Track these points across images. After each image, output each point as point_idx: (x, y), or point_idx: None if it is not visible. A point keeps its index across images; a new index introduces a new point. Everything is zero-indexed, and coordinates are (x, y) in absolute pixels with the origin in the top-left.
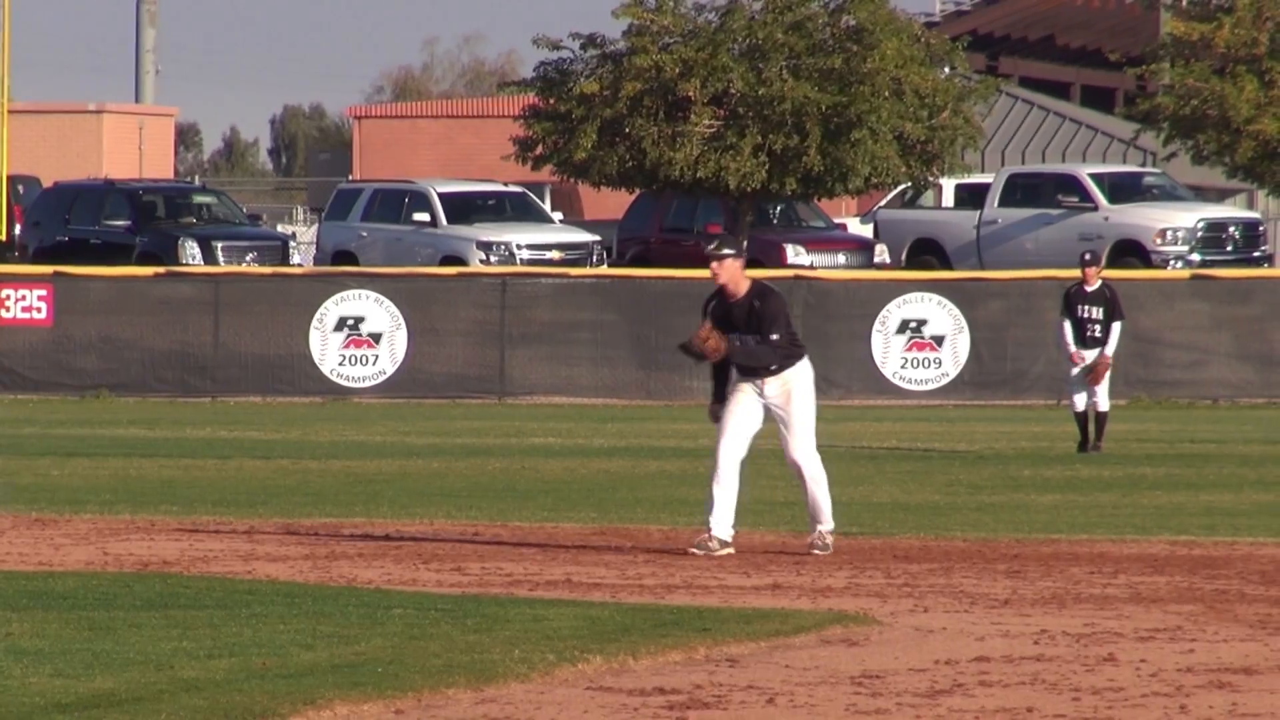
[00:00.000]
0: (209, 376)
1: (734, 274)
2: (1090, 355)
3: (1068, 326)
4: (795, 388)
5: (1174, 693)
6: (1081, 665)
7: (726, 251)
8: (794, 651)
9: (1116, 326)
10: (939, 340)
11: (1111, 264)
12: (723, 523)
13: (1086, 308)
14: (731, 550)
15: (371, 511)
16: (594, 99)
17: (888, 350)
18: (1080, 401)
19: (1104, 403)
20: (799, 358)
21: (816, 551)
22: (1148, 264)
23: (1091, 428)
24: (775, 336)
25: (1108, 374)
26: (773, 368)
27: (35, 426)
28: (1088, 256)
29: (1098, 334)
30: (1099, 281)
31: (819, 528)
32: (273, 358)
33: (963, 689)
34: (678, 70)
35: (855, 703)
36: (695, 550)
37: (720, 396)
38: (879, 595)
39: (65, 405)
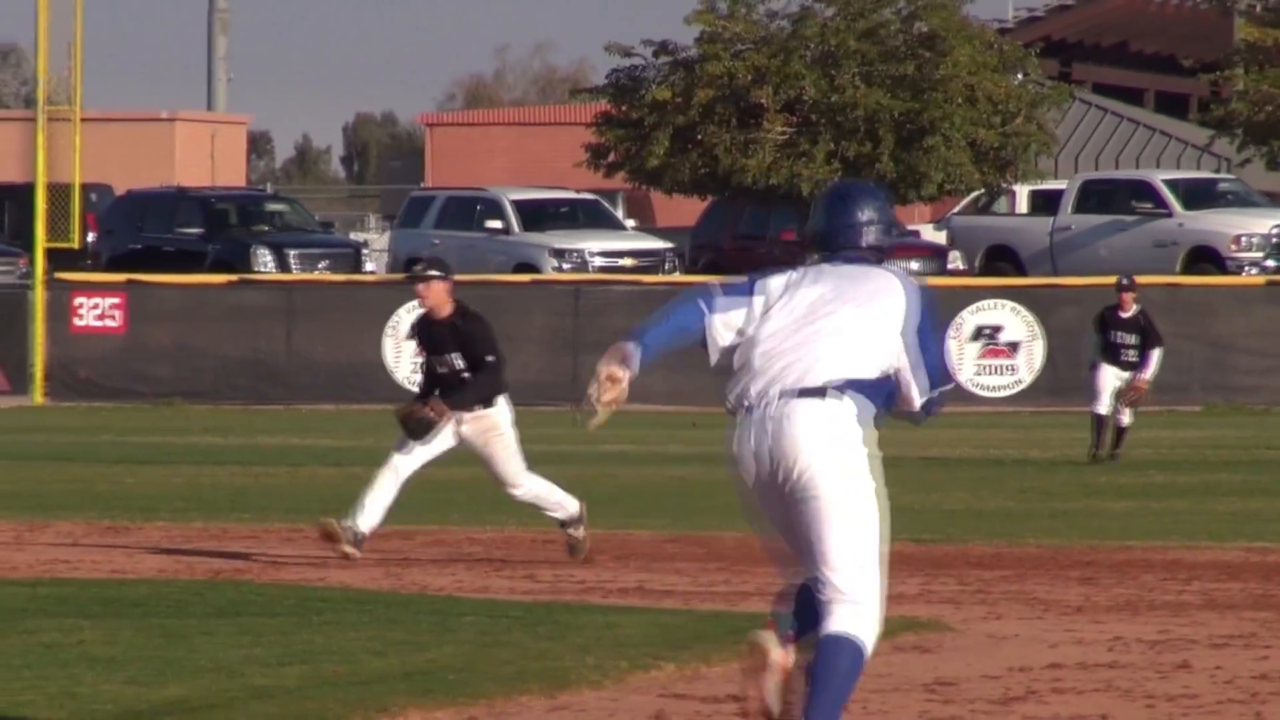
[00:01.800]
0: (282, 384)
1: (439, 296)
2: (1125, 377)
3: (1096, 340)
4: (494, 428)
5: (1249, 699)
6: (1155, 672)
7: (433, 273)
8: None
9: (1156, 354)
10: (1013, 347)
11: (1186, 270)
12: (368, 521)
13: (1120, 334)
14: (359, 555)
15: (444, 519)
16: (666, 106)
17: (962, 357)
18: (1103, 407)
19: (1127, 419)
20: (499, 394)
21: (577, 554)
22: (1223, 270)
23: (1109, 437)
24: (490, 358)
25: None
26: (474, 408)
27: (109, 434)
28: (1124, 282)
29: (1133, 359)
30: (1135, 308)
31: (569, 530)
32: (346, 365)
33: (1036, 696)
34: (750, 77)
35: (928, 709)
36: (338, 541)
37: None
38: (952, 602)
39: (138, 413)
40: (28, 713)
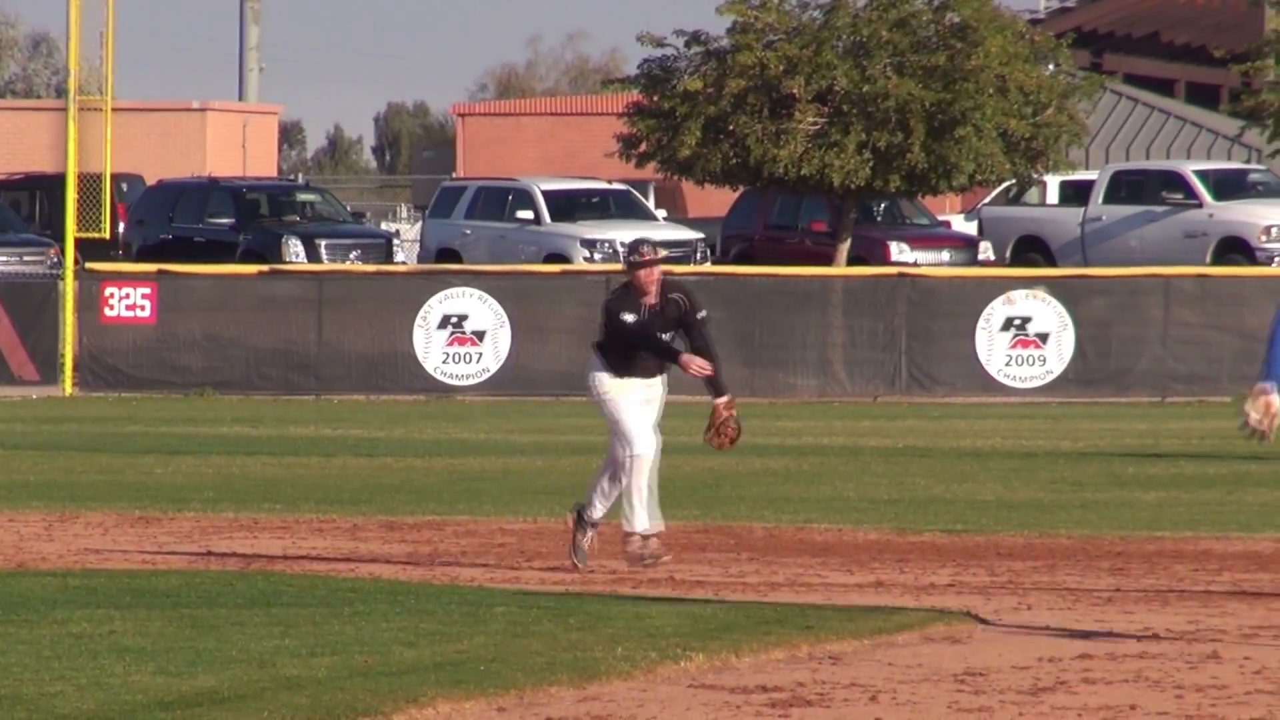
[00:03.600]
0: (313, 374)
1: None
2: None
3: None
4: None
5: (1278, 690)
6: (1185, 662)
7: (663, 254)
8: (897, 649)
9: None
10: (1043, 338)
11: (1216, 261)
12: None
13: None
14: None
15: (475, 509)
16: (698, 96)
17: (992, 348)
18: None
19: None
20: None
21: (647, 564)
22: (1253, 261)
23: None
24: (703, 314)
25: None
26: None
27: (139, 425)
28: None
29: None
30: None
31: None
32: (376, 355)
33: (1066, 686)
34: (782, 67)
35: (958, 700)
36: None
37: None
38: (982, 593)
39: (169, 403)
40: (58, 703)
